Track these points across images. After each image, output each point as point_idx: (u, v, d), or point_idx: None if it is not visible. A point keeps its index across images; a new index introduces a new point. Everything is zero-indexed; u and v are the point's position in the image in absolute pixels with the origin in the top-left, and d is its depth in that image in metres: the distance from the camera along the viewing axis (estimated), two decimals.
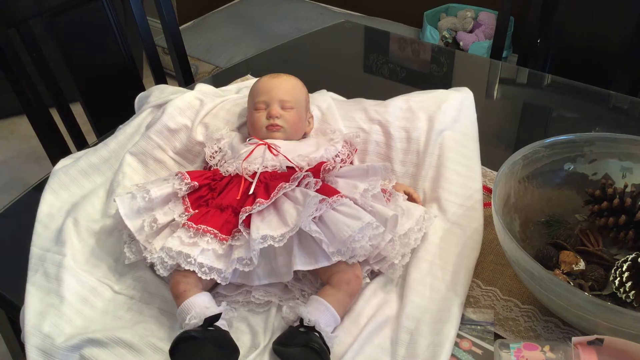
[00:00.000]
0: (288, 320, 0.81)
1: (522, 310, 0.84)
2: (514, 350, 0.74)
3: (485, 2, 2.79)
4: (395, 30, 2.56)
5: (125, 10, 2.03)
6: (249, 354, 0.78)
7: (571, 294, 0.72)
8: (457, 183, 1.01)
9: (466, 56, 1.91)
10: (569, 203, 0.96)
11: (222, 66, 2.67)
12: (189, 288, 0.81)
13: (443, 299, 0.84)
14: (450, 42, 2.75)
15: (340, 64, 1.54)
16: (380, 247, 0.86)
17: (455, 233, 0.93)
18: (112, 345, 0.79)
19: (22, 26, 1.27)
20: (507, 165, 0.89)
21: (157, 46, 1.59)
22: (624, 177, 0.95)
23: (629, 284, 0.79)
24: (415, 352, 0.77)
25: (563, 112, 1.36)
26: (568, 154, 0.95)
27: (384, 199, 0.91)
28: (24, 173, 2.46)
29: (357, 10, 3.12)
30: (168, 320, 0.83)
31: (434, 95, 1.16)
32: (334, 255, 0.82)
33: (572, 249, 0.87)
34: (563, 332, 0.81)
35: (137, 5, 1.47)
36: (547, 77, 1.49)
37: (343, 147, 1.03)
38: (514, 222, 0.91)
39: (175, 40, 1.57)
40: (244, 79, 1.37)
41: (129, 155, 1.07)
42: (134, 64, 1.54)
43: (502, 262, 0.91)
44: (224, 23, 2.99)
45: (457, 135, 1.08)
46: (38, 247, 0.92)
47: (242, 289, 0.86)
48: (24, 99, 1.28)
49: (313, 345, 0.74)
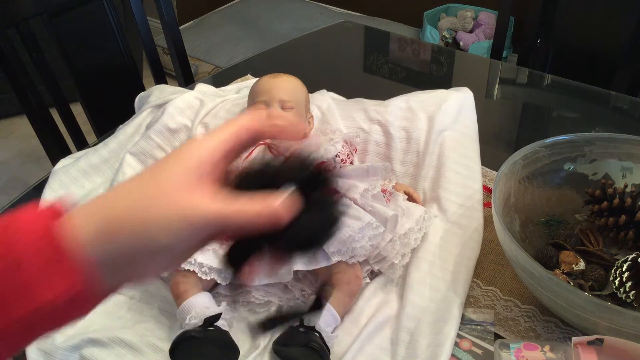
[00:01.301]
0: None
1: (522, 310, 0.84)
2: (514, 350, 0.74)
3: (485, 2, 2.79)
4: (395, 30, 2.56)
5: (125, 10, 2.03)
6: (249, 354, 0.78)
7: (571, 294, 0.72)
8: (457, 183, 1.01)
9: (466, 56, 1.91)
10: (569, 203, 0.96)
11: (222, 66, 2.66)
12: (189, 288, 0.81)
13: (443, 299, 0.84)
14: (450, 42, 2.75)
15: (340, 64, 1.54)
16: (380, 247, 0.86)
17: (455, 233, 0.93)
18: (112, 345, 0.79)
19: (22, 26, 1.27)
20: (507, 165, 0.89)
21: (157, 46, 1.59)
22: (624, 177, 0.95)
23: (629, 284, 0.79)
24: (415, 352, 0.77)
25: (563, 112, 1.36)
26: (568, 154, 0.95)
27: (384, 199, 0.91)
28: (24, 173, 2.46)
29: (357, 10, 3.12)
30: (168, 320, 0.83)
31: (434, 95, 1.16)
32: (334, 255, 0.82)
33: (572, 249, 0.87)
34: (563, 332, 0.81)
35: (137, 5, 1.47)
36: (547, 77, 1.49)
37: (343, 147, 1.03)
38: (514, 222, 0.91)
39: (175, 40, 1.57)
40: (244, 79, 1.37)
41: (129, 155, 1.07)
42: (134, 64, 1.54)
43: (502, 262, 0.91)
44: (224, 23, 2.99)
45: (457, 135, 1.08)
46: None
47: (242, 289, 0.86)
48: (24, 99, 1.28)
49: (313, 345, 0.74)
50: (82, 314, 0.39)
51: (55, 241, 0.36)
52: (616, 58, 1.57)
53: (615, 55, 1.58)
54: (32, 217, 0.37)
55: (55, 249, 0.36)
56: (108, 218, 0.38)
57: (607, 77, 1.54)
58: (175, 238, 0.38)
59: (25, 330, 0.37)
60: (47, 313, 0.37)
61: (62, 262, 0.36)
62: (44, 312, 0.37)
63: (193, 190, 0.38)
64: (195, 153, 0.40)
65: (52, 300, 0.36)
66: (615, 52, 1.58)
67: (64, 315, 0.38)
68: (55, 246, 0.36)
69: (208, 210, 0.38)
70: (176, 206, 0.38)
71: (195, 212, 0.38)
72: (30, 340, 0.39)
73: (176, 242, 0.38)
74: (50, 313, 0.37)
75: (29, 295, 0.36)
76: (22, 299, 0.36)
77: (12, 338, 0.37)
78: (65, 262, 0.36)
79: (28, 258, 0.36)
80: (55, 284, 0.36)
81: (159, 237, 0.37)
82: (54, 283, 0.36)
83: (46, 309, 0.36)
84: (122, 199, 0.39)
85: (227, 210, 0.38)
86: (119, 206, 0.38)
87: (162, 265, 0.41)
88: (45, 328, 0.39)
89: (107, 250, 0.37)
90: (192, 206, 0.38)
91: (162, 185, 0.38)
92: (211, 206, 0.38)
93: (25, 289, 0.36)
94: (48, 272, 0.36)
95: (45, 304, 0.36)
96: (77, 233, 0.37)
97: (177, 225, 0.37)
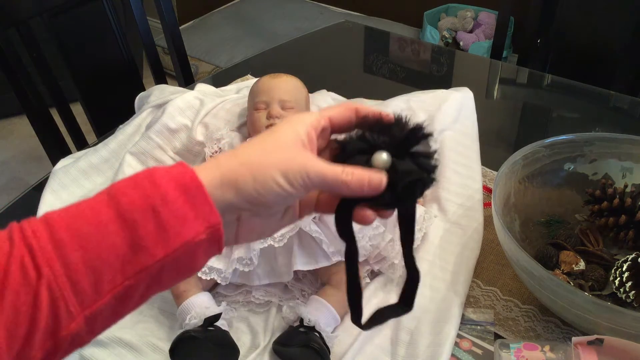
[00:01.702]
0: (288, 320, 0.81)
1: (522, 310, 0.84)
2: (514, 350, 0.74)
3: (485, 2, 2.79)
4: (395, 30, 2.57)
5: (125, 10, 2.03)
6: (249, 354, 0.78)
7: (571, 294, 0.72)
8: (457, 183, 1.01)
9: (466, 56, 1.91)
10: (569, 203, 0.96)
11: (222, 66, 2.66)
12: (189, 288, 0.81)
13: (443, 299, 0.84)
14: (450, 42, 2.75)
15: (340, 64, 1.54)
16: (380, 247, 0.86)
17: (455, 233, 0.93)
18: (112, 345, 0.79)
19: (22, 26, 1.26)
20: (507, 165, 0.89)
21: (157, 46, 1.59)
22: (624, 177, 0.95)
23: (629, 284, 0.79)
24: (415, 352, 0.77)
25: (563, 112, 1.36)
26: (568, 154, 0.95)
27: None
28: (24, 173, 2.46)
29: (357, 10, 3.12)
30: (168, 320, 0.83)
31: (434, 95, 1.16)
32: (334, 255, 0.82)
33: (572, 249, 0.87)
34: (563, 332, 0.81)
35: (137, 5, 1.47)
36: (547, 77, 1.49)
37: None
38: (514, 222, 0.91)
39: (175, 40, 1.57)
40: (244, 79, 1.37)
41: (129, 155, 1.07)
42: (134, 64, 1.54)
43: (502, 262, 0.91)
44: (224, 23, 2.99)
45: (457, 135, 1.08)
46: None
47: (242, 289, 0.86)
48: (24, 99, 1.28)
49: (313, 345, 0.74)
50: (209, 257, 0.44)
51: (195, 184, 0.41)
52: (616, 58, 1.57)
53: (615, 55, 1.58)
54: (165, 171, 0.42)
55: (195, 190, 0.41)
56: (231, 167, 0.43)
57: (607, 77, 1.54)
58: (290, 185, 0.43)
59: (170, 269, 0.41)
60: (189, 251, 0.41)
61: (202, 202, 0.41)
62: (188, 249, 0.41)
63: (305, 150, 0.44)
64: (303, 121, 0.46)
65: (195, 237, 0.41)
66: (615, 52, 1.58)
67: (200, 257, 0.42)
68: (195, 188, 0.41)
69: (321, 166, 0.44)
70: (295, 156, 0.43)
71: (311, 164, 0.43)
72: (172, 281, 0.42)
73: (290, 190, 0.43)
74: (192, 252, 0.41)
75: (177, 231, 0.40)
76: (172, 235, 0.40)
77: (161, 276, 0.41)
78: (205, 202, 0.41)
79: (173, 198, 0.40)
80: (198, 221, 0.41)
81: (278, 181, 0.42)
82: (197, 220, 0.41)
83: (190, 246, 0.41)
84: (243, 153, 0.44)
85: (331, 172, 0.44)
86: (241, 158, 0.43)
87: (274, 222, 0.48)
88: (184, 270, 0.42)
89: (233, 195, 0.42)
90: (309, 158, 0.44)
91: (280, 141, 0.44)
92: (322, 164, 0.44)
93: (172, 225, 0.40)
94: (191, 210, 0.40)
95: (190, 239, 0.40)
96: (206, 181, 0.42)
97: (296, 170, 0.43)
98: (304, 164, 0.43)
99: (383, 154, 0.45)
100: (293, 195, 0.44)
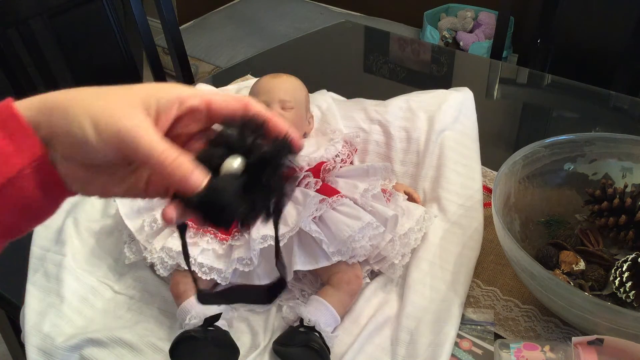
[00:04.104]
0: (288, 320, 0.81)
1: (522, 310, 0.84)
2: (514, 350, 0.74)
3: (485, 2, 2.79)
4: (395, 30, 2.56)
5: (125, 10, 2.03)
6: (249, 354, 0.78)
7: (571, 294, 0.72)
8: (457, 183, 1.01)
9: (466, 56, 1.91)
10: (569, 203, 0.96)
11: (222, 66, 2.66)
12: (189, 288, 0.81)
13: (443, 299, 0.84)
14: (450, 42, 2.75)
15: (340, 64, 1.54)
16: (380, 247, 0.86)
17: (455, 233, 0.93)
18: (112, 345, 0.79)
19: (22, 26, 1.27)
20: (507, 165, 0.89)
21: (157, 46, 1.59)
22: (624, 177, 0.95)
23: (629, 284, 0.79)
24: (415, 352, 0.77)
25: (563, 112, 1.36)
26: (568, 154, 0.95)
27: (384, 199, 0.91)
28: None
29: (357, 10, 3.12)
30: (168, 320, 0.83)
31: (434, 95, 1.16)
32: (334, 255, 0.82)
33: (572, 249, 0.87)
34: (563, 332, 0.81)
35: (137, 5, 1.47)
36: (547, 77, 1.49)
37: (343, 147, 1.03)
38: (514, 222, 0.91)
39: (175, 40, 1.57)
40: (244, 79, 1.37)
41: None
42: (134, 64, 1.54)
43: (502, 262, 0.91)
44: (224, 23, 2.99)
45: (457, 135, 1.08)
46: (38, 247, 0.92)
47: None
48: None
49: (313, 345, 0.74)
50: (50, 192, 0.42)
51: (8, 113, 0.40)
52: (616, 58, 1.57)
53: (615, 55, 1.58)
54: None
55: (10, 119, 0.40)
56: (57, 97, 0.41)
57: (607, 77, 1.55)
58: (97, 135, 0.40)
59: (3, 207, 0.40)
60: (20, 187, 0.40)
61: (21, 134, 0.40)
62: (16, 187, 0.39)
63: (141, 113, 0.41)
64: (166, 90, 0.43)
65: (21, 170, 0.39)
66: (615, 52, 1.58)
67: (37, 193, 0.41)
68: (9, 117, 0.40)
69: (141, 133, 0.40)
70: (119, 111, 0.41)
71: (131, 125, 0.40)
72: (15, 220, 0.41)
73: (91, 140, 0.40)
74: (22, 187, 0.40)
75: None
76: None
77: None
78: (24, 133, 0.40)
79: None
80: (21, 155, 0.39)
81: (81, 125, 0.40)
82: (19, 154, 0.39)
83: (18, 184, 0.39)
84: (79, 91, 0.42)
85: (147, 143, 0.40)
86: (73, 93, 0.42)
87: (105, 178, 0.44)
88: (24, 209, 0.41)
89: (48, 126, 0.40)
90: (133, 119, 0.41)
91: (122, 94, 0.43)
92: (146, 132, 0.41)
93: None
94: (10, 144, 0.39)
95: (13, 176, 0.39)
96: (24, 108, 0.41)
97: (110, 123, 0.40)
98: (120, 121, 0.40)
99: (236, 160, 0.40)
100: (94, 147, 0.40)
